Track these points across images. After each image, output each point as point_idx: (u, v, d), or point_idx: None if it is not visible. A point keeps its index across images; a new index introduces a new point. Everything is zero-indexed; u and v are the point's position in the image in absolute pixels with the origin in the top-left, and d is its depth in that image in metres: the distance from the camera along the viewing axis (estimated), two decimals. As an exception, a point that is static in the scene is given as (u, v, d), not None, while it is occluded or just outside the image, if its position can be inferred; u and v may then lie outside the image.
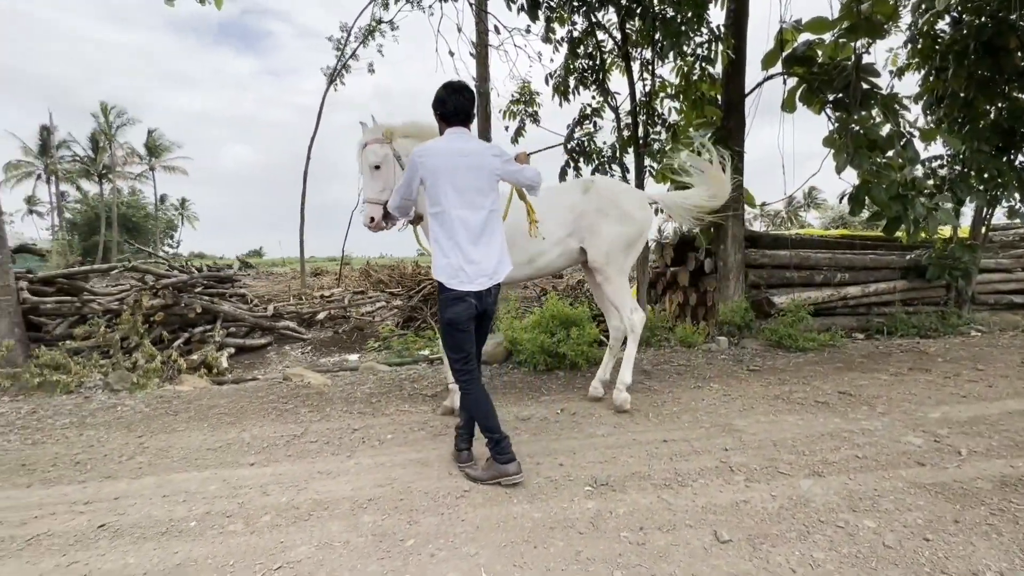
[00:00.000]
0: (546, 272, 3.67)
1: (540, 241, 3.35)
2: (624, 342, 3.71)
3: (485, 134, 7.58)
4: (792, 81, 5.74)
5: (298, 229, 14.62)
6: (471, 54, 8.09)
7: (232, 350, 6.48)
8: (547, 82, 5.86)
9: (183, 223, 52.24)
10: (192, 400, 4.11)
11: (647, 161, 5.82)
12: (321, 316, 9.41)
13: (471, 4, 7.05)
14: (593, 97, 5.75)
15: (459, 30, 8.45)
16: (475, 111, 2.67)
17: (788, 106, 5.79)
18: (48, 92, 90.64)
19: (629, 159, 5.87)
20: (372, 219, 3.03)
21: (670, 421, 3.39)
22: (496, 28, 7.72)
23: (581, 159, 5.75)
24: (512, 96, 6.64)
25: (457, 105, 2.56)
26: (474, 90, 2.67)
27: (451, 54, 8.72)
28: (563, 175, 5.75)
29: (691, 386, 4.15)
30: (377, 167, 3.06)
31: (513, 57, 14.66)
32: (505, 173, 2.60)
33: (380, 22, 13.54)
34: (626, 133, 5.89)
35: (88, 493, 2.57)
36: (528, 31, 6.40)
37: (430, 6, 7.60)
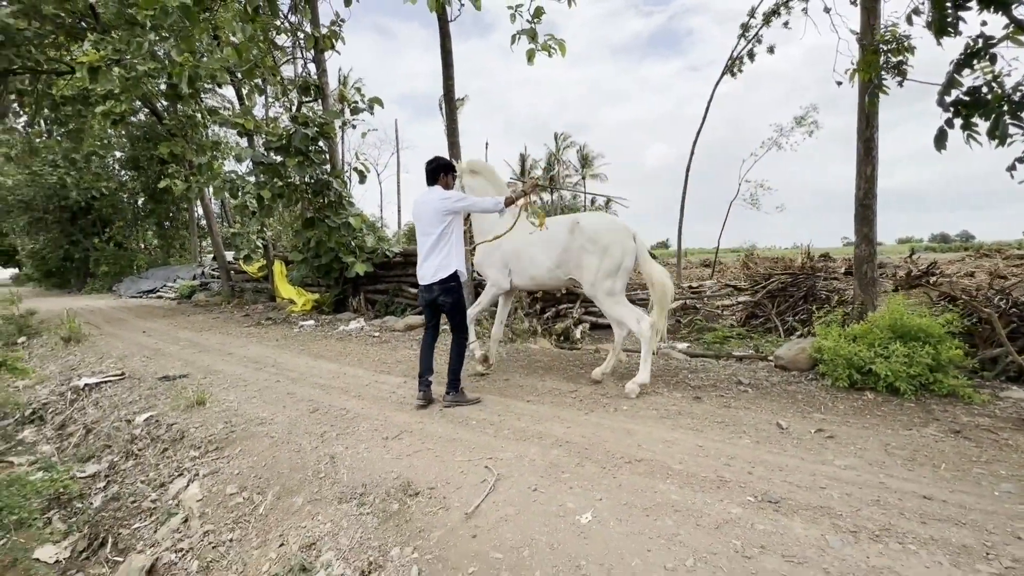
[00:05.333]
0: (544, 288, 4.77)
1: (536, 266, 4.40)
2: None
3: (862, 96, 6.31)
4: None
5: (677, 222, 15.55)
6: (852, 2, 6.83)
7: (587, 325, 8.12)
8: (909, 21, 4.40)
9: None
10: (532, 355, 5.75)
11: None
12: (674, 305, 10.11)
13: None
14: (984, 23, 3.89)
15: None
16: (439, 173, 3.94)
17: None
18: (530, 127, 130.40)
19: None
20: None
21: (967, 482, 2.43)
22: (884, -38, 6.18)
23: (978, 113, 4.03)
24: (875, 46, 5.25)
25: (425, 173, 3.98)
26: (436, 160, 3.95)
27: (826, 11, 7.44)
28: (940, 140, 4.21)
29: (1087, 455, 2.62)
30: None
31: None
32: (450, 209, 3.80)
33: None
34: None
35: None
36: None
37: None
